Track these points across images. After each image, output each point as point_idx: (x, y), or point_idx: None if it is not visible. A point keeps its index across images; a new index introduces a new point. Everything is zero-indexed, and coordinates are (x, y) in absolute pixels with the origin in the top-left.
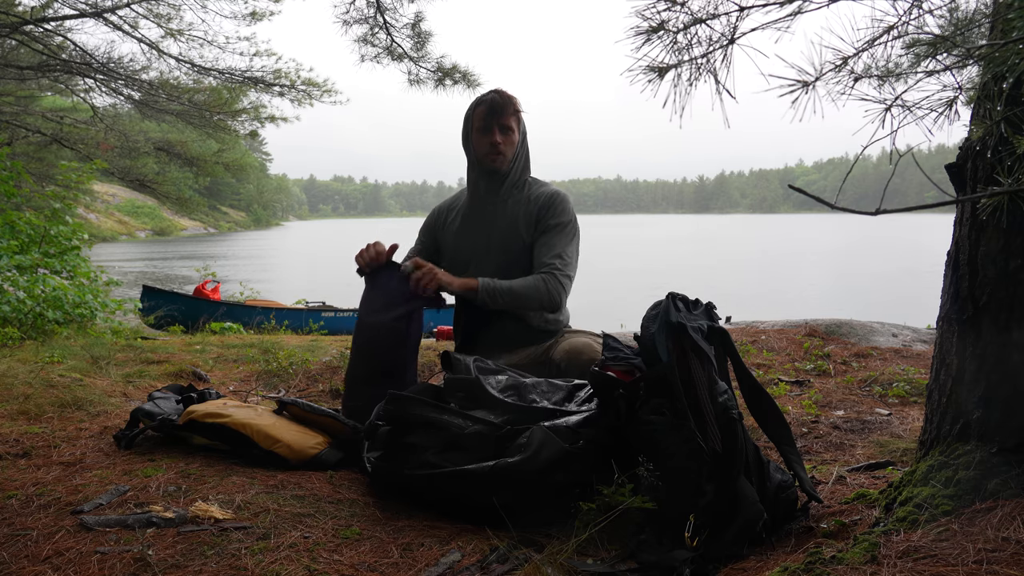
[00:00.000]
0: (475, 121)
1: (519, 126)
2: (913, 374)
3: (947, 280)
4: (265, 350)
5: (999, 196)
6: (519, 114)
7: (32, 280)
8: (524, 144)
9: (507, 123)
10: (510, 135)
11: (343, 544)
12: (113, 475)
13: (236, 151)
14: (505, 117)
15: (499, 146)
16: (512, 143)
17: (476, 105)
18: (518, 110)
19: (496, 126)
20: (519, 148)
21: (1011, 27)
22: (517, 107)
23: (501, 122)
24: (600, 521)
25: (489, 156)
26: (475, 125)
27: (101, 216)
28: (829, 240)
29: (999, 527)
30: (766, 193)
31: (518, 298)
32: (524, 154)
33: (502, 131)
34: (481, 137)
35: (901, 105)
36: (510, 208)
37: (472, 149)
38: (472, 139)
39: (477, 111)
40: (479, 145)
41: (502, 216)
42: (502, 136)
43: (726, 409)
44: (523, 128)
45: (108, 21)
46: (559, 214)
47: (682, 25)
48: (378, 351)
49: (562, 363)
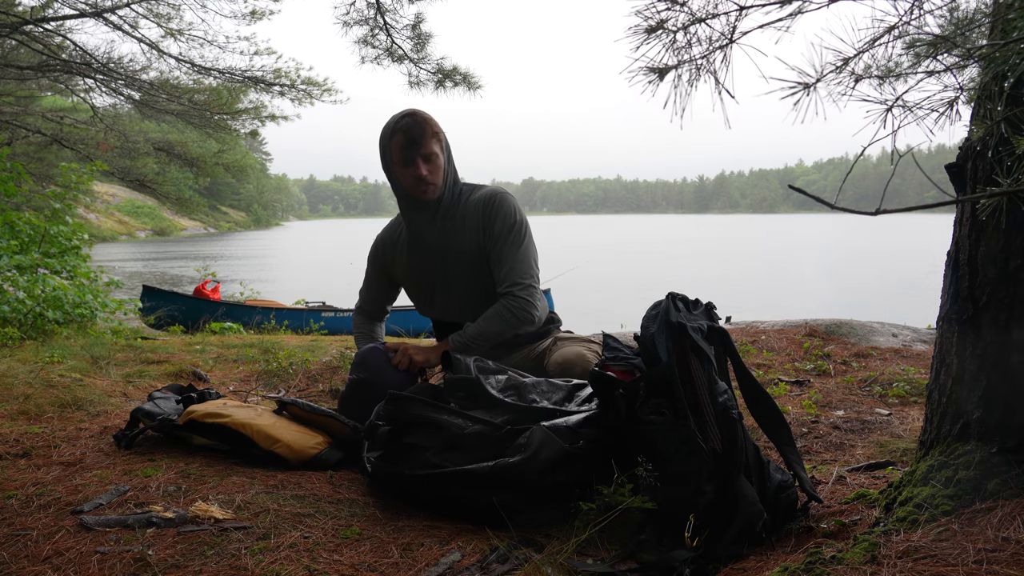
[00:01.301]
0: (394, 153)
1: (442, 146)
2: (913, 374)
3: (947, 280)
4: (265, 350)
5: (998, 197)
6: (439, 134)
7: (32, 280)
8: (449, 160)
9: (429, 150)
10: (435, 161)
11: (343, 544)
12: (113, 475)
13: (236, 151)
14: (425, 146)
15: (426, 178)
16: (438, 168)
17: (391, 134)
18: (437, 131)
19: (419, 157)
20: (447, 168)
21: (1011, 27)
22: (435, 128)
23: (423, 151)
24: (600, 521)
25: (418, 189)
26: (395, 158)
27: (101, 216)
28: (829, 240)
29: (999, 527)
30: (766, 193)
31: (492, 337)
32: (452, 171)
33: (426, 160)
34: (404, 171)
35: (902, 105)
36: (452, 228)
37: (396, 182)
38: (394, 172)
39: (394, 142)
40: (404, 179)
41: (448, 239)
42: (427, 166)
43: (726, 409)
44: (445, 144)
45: (108, 21)
46: (501, 218)
47: (681, 25)
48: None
49: (555, 374)
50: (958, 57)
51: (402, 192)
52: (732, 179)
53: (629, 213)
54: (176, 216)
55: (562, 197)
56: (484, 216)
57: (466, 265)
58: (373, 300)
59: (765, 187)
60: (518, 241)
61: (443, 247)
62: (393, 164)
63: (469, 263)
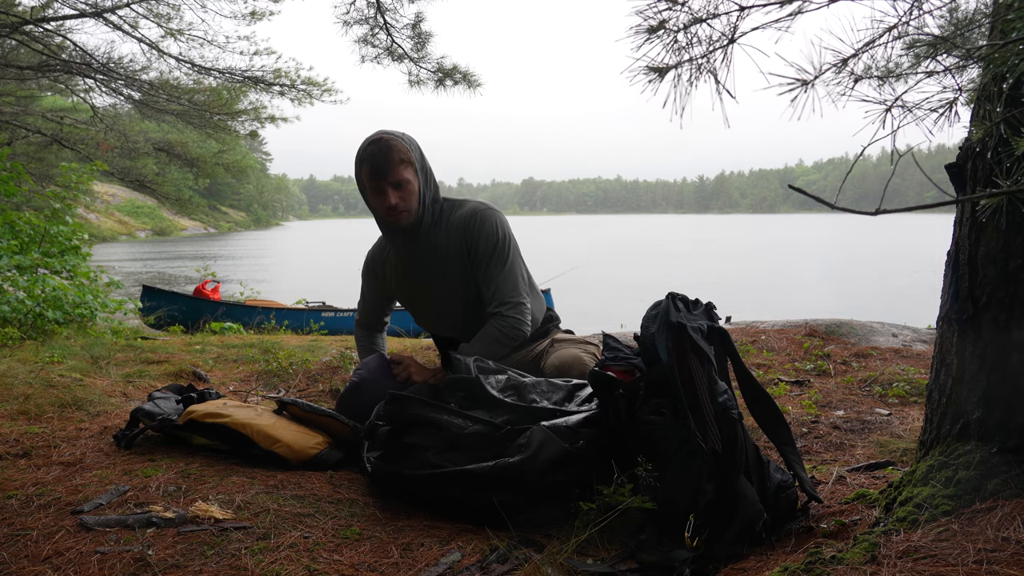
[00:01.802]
0: (365, 182)
1: (413, 168)
2: (913, 374)
3: (947, 280)
4: (265, 350)
5: (998, 197)
6: (408, 159)
7: (32, 280)
8: (426, 180)
9: (398, 178)
10: (407, 187)
11: (343, 544)
12: (113, 475)
13: (236, 152)
14: (392, 174)
15: (398, 206)
16: (411, 194)
17: (360, 163)
18: (405, 157)
19: (388, 186)
20: (422, 190)
21: (1011, 28)
22: (403, 154)
23: (391, 180)
24: (600, 521)
25: (392, 218)
26: (366, 186)
27: (101, 216)
28: (829, 240)
29: (999, 527)
30: (766, 193)
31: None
32: (429, 189)
33: (396, 187)
34: (376, 198)
35: (901, 106)
36: (434, 250)
37: (372, 209)
38: (368, 200)
39: (363, 171)
40: (377, 207)
41: (431, 260)
42: (397, 193)
43: (726, 409)
44: (419, 164)
45: (108, 21)
46: (485, 238)
47: (682, 24)
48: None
49: (551, 376)
50: (958, 58)
51: (378, 218)
52: (732, 179)
53: (629, 213)
54: (176, 216)
55: (562, 197)
56: (467, 236)
57: (452, 285)
58: (371, 313)
59: (765, 187)
60: (503, 260)
61: (427, 269)
62: (367, 193)
63: (455, 282)
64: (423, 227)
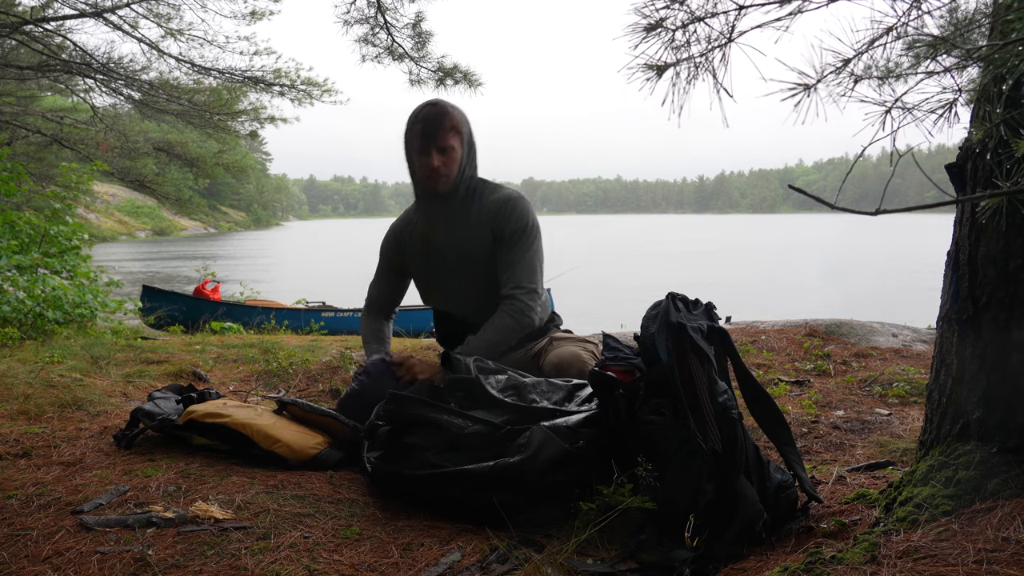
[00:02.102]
0: (413, 141)
1: (461, 139)
2: (913, 374)
3: (947, 280)
4: (265, 350)
5: (998, 198)
6: (457, 127)
7: (32, 280)
8: (470, 153)
9: (445, 143)
10: (451, 154)
11: (343, 544)
12: (113, 475)
13: (236, 152)
14: (442, 138)
15: (439, 169)
16: (453, 161)
17: (412, 123)
18: (455, 124)
19: (434, 148)
20: (463, 161)
21: (1011, 28)
22: (454, 122)
23: (439, 144)
24: (600, 521)
25: (430, 180)
26: (414, 145)
27: (101, 216)
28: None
29: (999, 527)
30: (766, 193)
31: (496, 346)
32: (471, 163)
33: (441, 152)
34: (420, 159)
35: (901, 107)
36: (463, 223)
37: (413, 169)
38: (413, 159)
39: (414, 130)
40: (419, 167)
41: (456, 232)
42: (441, 158)
43: (726, 409)
44: (466, 137)
45: (108, 21)
46: (514, 221)
47: (681, 23)
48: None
49: (550, 375)
50: (957, 58)
51: (415, 180)
52: (732, 179)
53: (629, 213)
54: (176, 216)
55: (562, 197)
56: (498, 218)
57: (471, 260)
58: (383, 293)
59: (765, 187)
60: (526, 246)
61: (451, 239)
62: (412, 151)
63: (474, 259)
64: (457, 197)
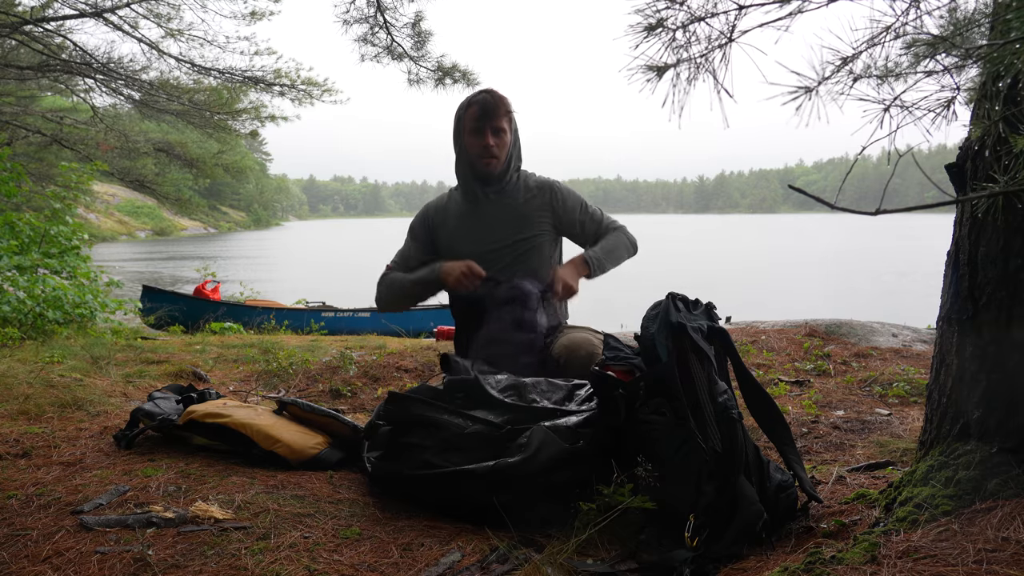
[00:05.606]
0: (467, 122)
1: (511, 126)
2: (913, 374)
3: (947, 280)
4: (265, 350)
5: (997, 196)
6: (511, 114)
7: (32, 280)
8: (516, 143)
9: (499, 125)
10: (503, 136)
11: (343, 544)
12: (113, 475)
13: (236, 152)
14: (497, 119)
15: (492, 149)
16: (505, 144)
17: (467, 106)
18: (509, 110)
19: (488, 128)
20: (512, 148)
21: (1010, 27)
22: (508, 108)
23: (493, 124)
24: (600, 521)
25: (483, 159)
26: (467, 126)
27: (101, 216)
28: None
29: (999, 527)
30: (766, 193)
31: (615, 253)
32: (517, 151)
33: (495, 133)
34: (473, 139)
35: (900, 105)
36: (510, 204)
37: (464, 150)
38: (464, 140)
39: (469, 112)
40: (472, 147)
41: (504, 214)
42: (495, 139)
43: (726, 409)
44: (515, 126)
45: (108, 21)
46: (570, 196)
47: (681, 23)
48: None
49: (561, 358)
50: (957, 57)
51: (467, 161)
52: (732, 179)
53: (629, 213)
54: (176, 216)
55: None
56: (552, 198)
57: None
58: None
59: (765, 187)
60: (589, 207)
61: (497, 222)
62: (464, 133)
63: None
64: (504, 182)
